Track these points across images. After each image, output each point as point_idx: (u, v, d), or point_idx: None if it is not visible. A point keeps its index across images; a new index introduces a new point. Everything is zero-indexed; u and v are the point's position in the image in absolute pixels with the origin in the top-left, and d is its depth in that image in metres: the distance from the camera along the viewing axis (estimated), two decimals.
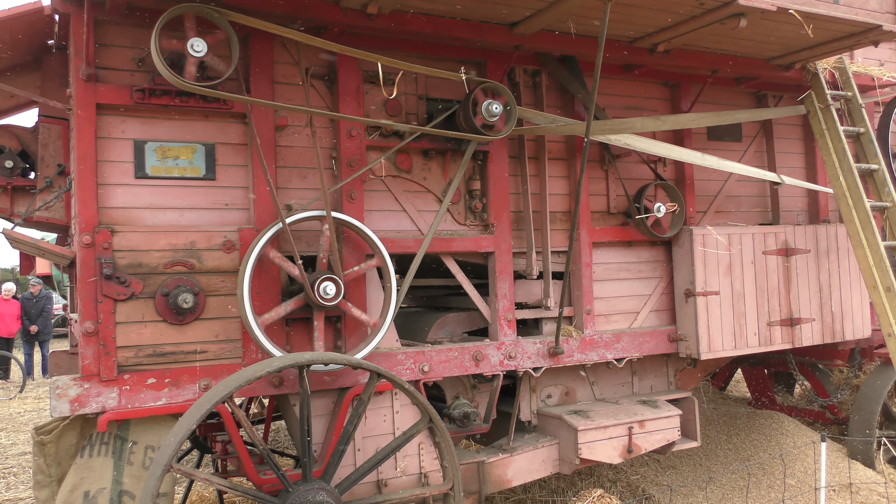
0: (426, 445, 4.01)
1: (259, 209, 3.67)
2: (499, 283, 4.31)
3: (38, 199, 3.83)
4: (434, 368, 4.07)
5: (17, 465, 7.65)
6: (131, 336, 3.42)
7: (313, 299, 3.56)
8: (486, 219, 4.35)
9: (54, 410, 3.31)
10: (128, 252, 3.42)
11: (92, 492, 3.47)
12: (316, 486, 3.37)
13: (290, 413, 3.84)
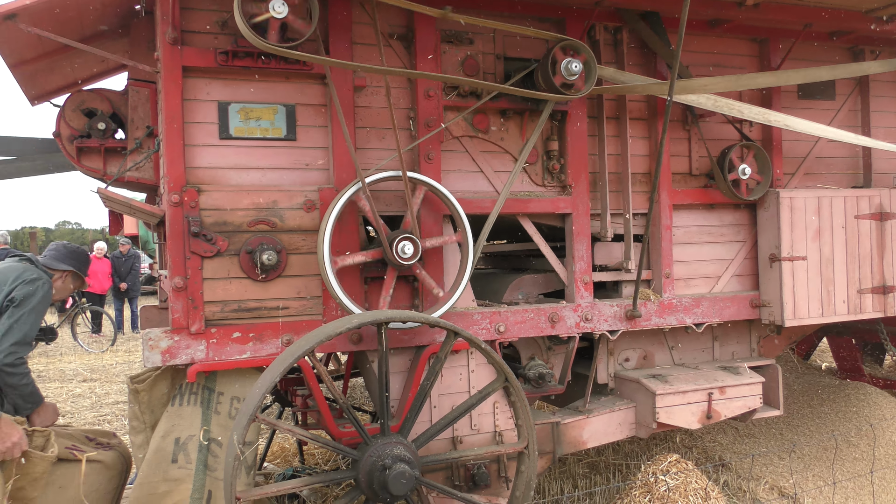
0: (501, 404, 4.05)
1: (338, 169, 3.72)
2: (576, 244, 4.27)
3: (128, 159, 3.98)
4: (510, 329, 4.08)
5: (111, 413, 8.10)
6: (217, 291, 3.55)
7: (391, 258, 3.61)
8: (564, 180, 4.29)
9: (147, 361, 3.47)
10: (213, 211, 3.53)
11: (182, 438, 3.65)
12: (393, 440, 3.44)
13: (368, 369, 3.93)
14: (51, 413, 3.66)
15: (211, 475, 3.62)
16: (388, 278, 3.74)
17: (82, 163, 3.96)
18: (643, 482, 4.23)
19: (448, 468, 3.93)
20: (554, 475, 5.27)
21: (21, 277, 3.60)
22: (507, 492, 3.96)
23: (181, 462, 3.63)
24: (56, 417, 3.68)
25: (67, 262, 3.88)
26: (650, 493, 4.16)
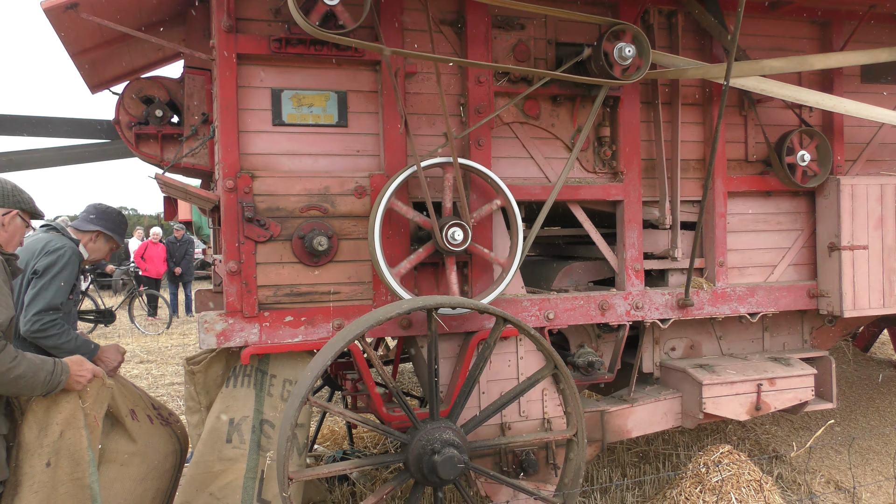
0: (550, 391, 4.04)
1: (389, 155, 3.74)
2: (627, 231, 4.22)
3: (184, 146, 4.07)
4: (559, 316, 4.07)
5: (167, 395, 8.32)
6: (270, 276, 3.61)
7: (441, 244, 3.62)
8: (616, 166, 4.24)
9: (203, 343, 3.55)
10: (267, 196, 3.58)
11: (236, 419, 3.74)
12: (442, 425, 3.47)
13: (418, 354, 3.96)
14: (112, 353, 3.73)
15: (264, 455, 3.70)
16: (450, 265, 3.74)
17: (140, 149, 4.06)
18: (694, 472, 4.18)
19: (496, 454, 3.94)
20: (602, 463, 5.24)
21: (45, 249, 3.74)
22: (556, 479, 3.96)
23: (235, 442, 3.71)
24: (119, 356, 3.74)
25: (96, 223, 3.96)
26: (701, 483, 4.11)
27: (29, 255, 3.70)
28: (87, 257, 3.98)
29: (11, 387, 2.61)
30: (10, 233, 2.90)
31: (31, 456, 2.80)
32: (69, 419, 2.92)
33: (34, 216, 3.04)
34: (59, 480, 2.89)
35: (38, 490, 2.80)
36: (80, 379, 2.93)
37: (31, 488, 2.79)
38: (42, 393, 2.78)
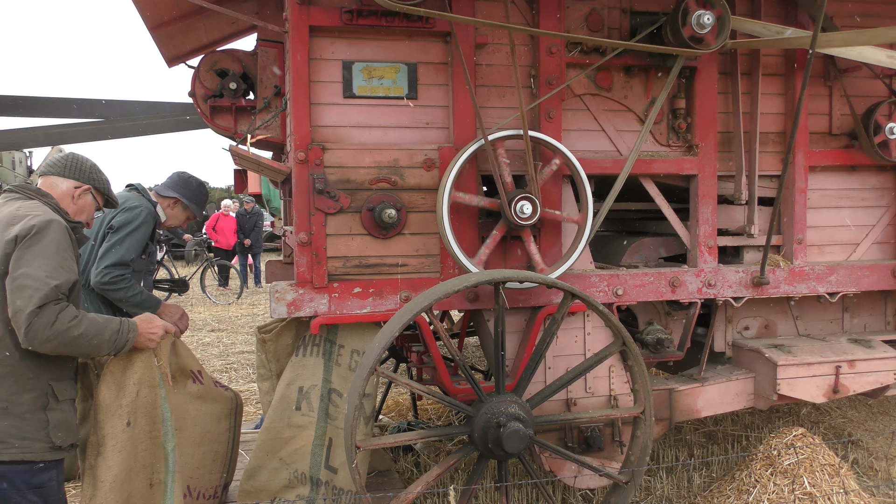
0: (617, 368, 3.99)
1: (458, 128, 3.72)
2: (701, 207, 4.10)
3: (257, 118, 4.13)
4: (628, 292, 4.00)
5: (237, 362, 8.58)
6: (340, 247, 3.65)
7: (510, 218, 3.60)
8: (690, 139, 4.12)
9: (274, 312, 3.63)
10: (337, 168, 3.61)
11: (305, 387, 3.82)
12: (508, 399, 3.47)
13: (484, 328, 3.96)
14: (174, 311, 3.88)
15: (332, 423, 3.78)
16: (497, 232, 3.71)
17: (215, 121, 4.14)
18: (765, 455, 4.08)
19: (561, 429, 3.93)
20: (669, 443, 5.18)
21: (123, 206, 3.89)
22: (621, 456, 3.92)
23: (304, 410, 3.80)
24: (180, 313, 3.88)
25: (175, 189, 4.11)
26: (772, 466, 4.00)
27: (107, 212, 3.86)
28: (163, 220, 4.12)
29: (74, 346, 2.66)
30: (80, 206, 2.97)
31: (112, 416, 2.89)
32: (144, 378, 2.99)
33: (107, 201, 3.11)
34: (139, 439, 3.00)
35: (122, 450, 2.91)
36: (151, 336, 2.99)
37: (115, 448, 2.89)
38: (109, 352, 2.83)
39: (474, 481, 3.50)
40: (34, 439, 2.63)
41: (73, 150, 3.06)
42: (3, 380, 2.60)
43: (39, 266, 2.56)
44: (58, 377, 2.73)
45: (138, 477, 3.00)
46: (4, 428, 2.58)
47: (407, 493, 3.39)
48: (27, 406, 2.63)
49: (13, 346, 2.61)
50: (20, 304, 2.52)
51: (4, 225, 2.65)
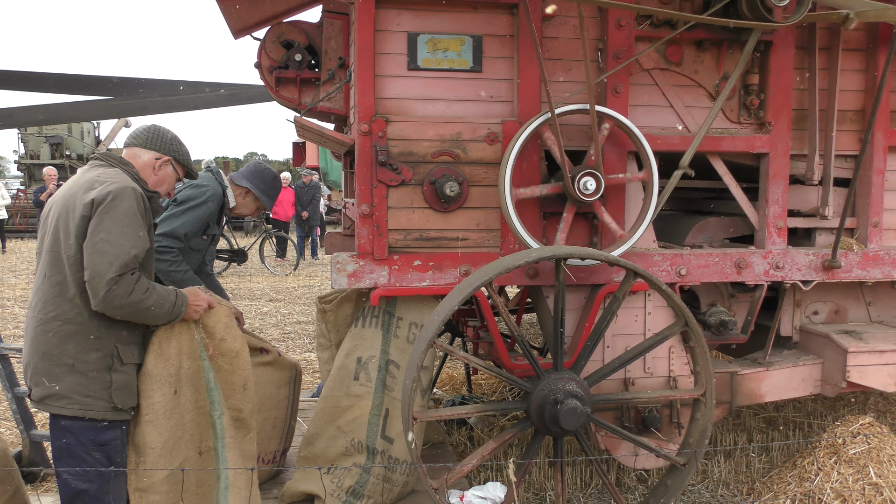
0: (677, 349, 3.93)
1: (522, 102, 3.67)
2: (771, 186, 3.97)
3: (321, 90, 4.15)
4: (691, 273, 3.92)
5: (294, 332, 8.74)
6: (401, 220, 3.66)
7: (573, 194, 3.55)
8: (763, 117, 3.98)
9: (334, 283, 3.67)
10: (400, 141, 3.61)
11: (364, 358, 3.86)
12: (566, 376, 3.45)
13: (543, 305, 3.93)
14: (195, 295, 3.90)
15: (389, 394, 3.82)
16: (568, 214, 3.68)
17: (280, 93, 4.17)
18: (829, 443, 3.98)
19: (618, 408, 3.90)
20: (728, 427, 5.09)
21: (192, 182, 3.96)
22: (679, 438, 3.87)
23: (362, 380, 3.85)
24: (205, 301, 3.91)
25: (249, 180, 4.17)
26: (837, 454, 3.91)
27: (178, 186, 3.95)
28: (231, 206, 4.19)
29: (140, 315, 2.76)
30: (160, 177, 3.05)
31: (162, 384, 2.94)
32: (185, 348, 3.03)
33: (188, 172, 3.19)
34: (185, 408, 3.05)
35: (170, 416, 2.98)
36: (197, 308, 3.05)
37: (165, 415, 2.96)
38: (164, 322, 2.91)
39: (529, 457, 3.50)
40: (96, 398, 2.73)
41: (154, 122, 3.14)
42: (72, 338, 2.70)
43: (119, 234, 2.65)
44: (125, 341, 2.82)
45: (187, 446, 3.07)
46: (70, 384, 2.69)
47: (462, 465, 3.41)
48: (93, 365, 2.72)
49: (83, 306, 2.71)
50: (101, 269, 2.61)
51: (84, 189, 2.75)
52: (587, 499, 4.21)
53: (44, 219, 2.87)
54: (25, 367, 2.76)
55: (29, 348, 2.74)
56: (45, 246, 2.78)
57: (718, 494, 4.23)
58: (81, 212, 2.67)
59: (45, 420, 5.44)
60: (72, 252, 2.68)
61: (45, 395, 2.70)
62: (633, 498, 4.19)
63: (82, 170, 2.94)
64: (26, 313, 2.81)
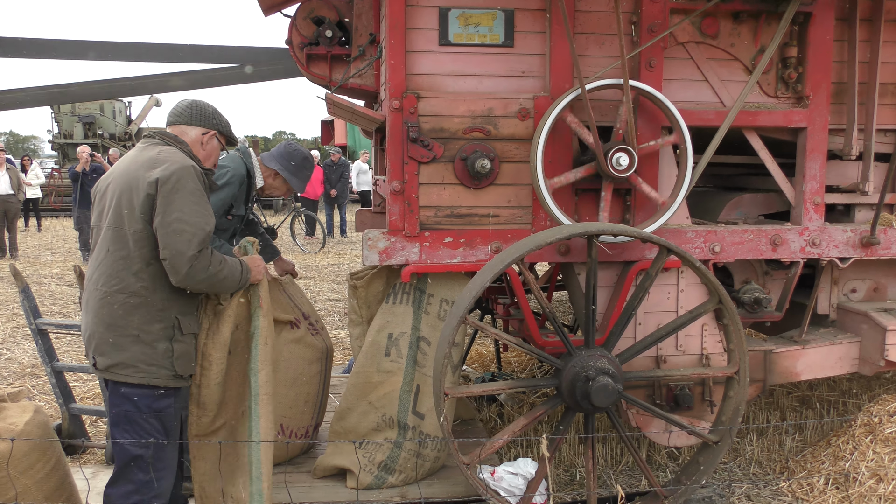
0: (710, 327, 3.89)
1: (554, 77, 3.63)
2: (808, 162, 3.90)
3: (352, 66, 4.14)
4: (725, 249, 3.87)
5: (324, 309, 8.81)
6: (432, 197, 3.65)
7: (605, 170, 3.51)
8: (801, 90, 3.89)
9: (366, 259, 3.68)
10: (431, 117, 3.60)
11: (394, 334, 3.88)
12: (597, 353, 3.44)
13: (574, 282, 3.92)
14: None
15: (420, 371, 3.84)
16: (606, 192, 3.64)
17: (310, 70, 4.17)
18: (865, 422, 3.93)
19: (650, 386, 3.88)
20: (760, 405, 5.05)
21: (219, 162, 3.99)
22: (711, 416, 3.85)
23: (393, 356, 3.87)
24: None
25: (279, 161, 4.08)
26: (872, 433, 3.86)
27: None
28: (260, 186, 4.17)
29: (218, 287, 2.93)
30: (208, 151, 3.13)
31: (217, 347, 3.06)
32: (242, 314, 3.15)
33: (229, 140, 3.27)
34: (236, 370, 3.15)
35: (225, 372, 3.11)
36: (258, 277, 3.17)
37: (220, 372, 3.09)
38: (234, 291, 3.06)
39: (560, 433, 3.51)
40: (160, 366, 2.85)
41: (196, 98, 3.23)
42: (137, 310, 2.82)
43: (192, 212, 2.79)
44: (185, 312, 2.94)
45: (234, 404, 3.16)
46: (135, 353, 2.82)
47: (494, 441, 3.43)
48: (156, 335, 2.85)
49: (148, 280, 2.83)
50: (181, 247, 2.74)
51: (146, 168, 2.83)
52: (618, 475, 4.22)
53: (100, 194, 2.96)
54: (89, 338, 2.87)
55: (92, 320, 2.84)
56: (104, 222, 2.87)
57: (751, 473, 4.21)
58: (146, 190, 2.77)
59: (83, 394, 5.57)
60: (137, 228, 2.79)
61: (111, 364, 2.82)
62: (664, 475, 4.19)
63: (139, 147, 3.02)
64: (86, 286, 2.92)
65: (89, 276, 2.90)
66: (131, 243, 2.80)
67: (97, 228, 2.93)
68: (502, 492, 3.53)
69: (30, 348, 6.98)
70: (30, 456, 2.81)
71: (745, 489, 3.99)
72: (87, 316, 2.89)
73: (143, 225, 2.79)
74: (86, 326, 2.89)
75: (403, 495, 3.70)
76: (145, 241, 2.79)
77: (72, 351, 6.89)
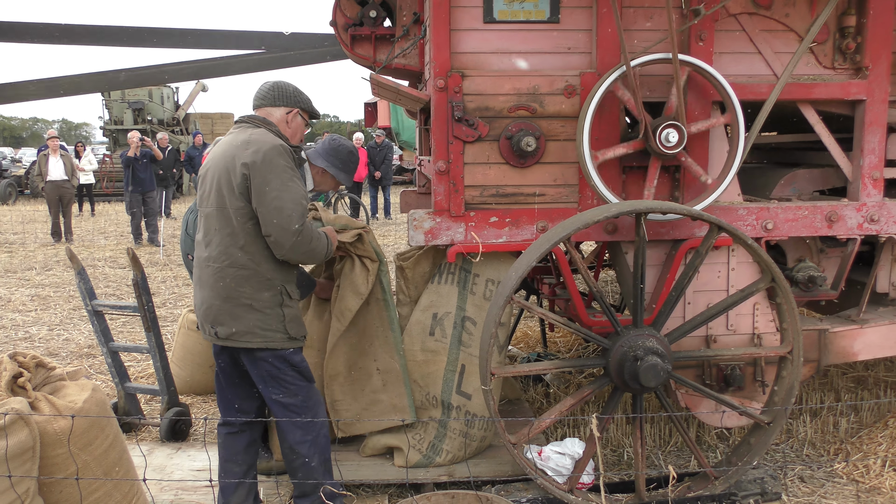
0: (762, 306, 3.81)
1: (601, 52, 3.57)
2: (867, 135, 3.76)
3: (396, 46, 4.13)
4: (778, 226, 3.77)
5: None
6: (477, 176, 3.64)
7: (654, 146, 3.45)
8: (859, 61, 3.75)
9: (412, 240, 3.69)
10: (476, 96, 3.57)
11: (440, 314, 3.89)
12: (646, 333, 3.39)
13: (622, 261, 3.87)
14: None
15: (465, 351, 3.85)
16: (652, 169, 3.58)
17: (355, 51, 4.18)
18: None
19: (699, 366, 3.82)
20: (814, 386, 4.94)
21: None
22: (762, 396, 3.77)
23: (438, 336, 3.89)
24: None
25: (325, 158, 4.00)
26: None
27: None
28: (311, 188, 4.14)
29: (313, 257, 3.18)
30: (293, 129, 3.29)
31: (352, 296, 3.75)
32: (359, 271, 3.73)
33: (312, 115, 3.40)
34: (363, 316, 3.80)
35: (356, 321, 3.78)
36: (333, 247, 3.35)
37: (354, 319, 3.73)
38: (323, 261, 3.40)
39: (608, 413, 3.48)
40: (275, 331, 3.11)
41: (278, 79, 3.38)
42: (248, 281, 3.06)
43: (287, 189, 2.99)
44: (289, 280, 3.19)
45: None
46: (252, 321, 3.07)
47: (541, 420, 3.42)
48: (267, 303, 3.10)
49: (255, 253, 3.06)
50: (284, 223, 2.97)
51: (239, 150, 3.03)
52: (666, 456, 4.18)
53: (201, 180, 3.20)
54: (206, 311, 3.12)
55: (209, 294, 3.10)
56: (209, 205, 3.10)
57: (804, 454, 4.13)
58: (241, 171, 2.98)
59: (138, 374, 5.72)
60: (239, 206, 3.01)
61: (231, 333, 3.08)
62: (713, 456, 4.13)
63: (232, 132, 3.21)
64: (197, 264, 3.18)
65: (200, 254, 3.16)
66: (235, 221, 3.02)
67: (200, 211, 3.19)
68: (549, 471, 3.52)
69: (86, 329, 7.20)
70: (89, 432, 2.88)
71: (799, 471, 3.92)
72: (202, 291, 3.13)
73: (244, 203, 3.01)
74: (202, 301, 3.14)
75: (451, 474, 3.73)
76: (247, 217, 3.02)
77: (126, 332, 7.08)
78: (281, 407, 3.18)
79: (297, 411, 3.19)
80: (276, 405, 3.20)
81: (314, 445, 3.22)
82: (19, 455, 2.57)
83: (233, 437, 3.33)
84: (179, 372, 5.22)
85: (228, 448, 3.33)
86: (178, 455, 4.16)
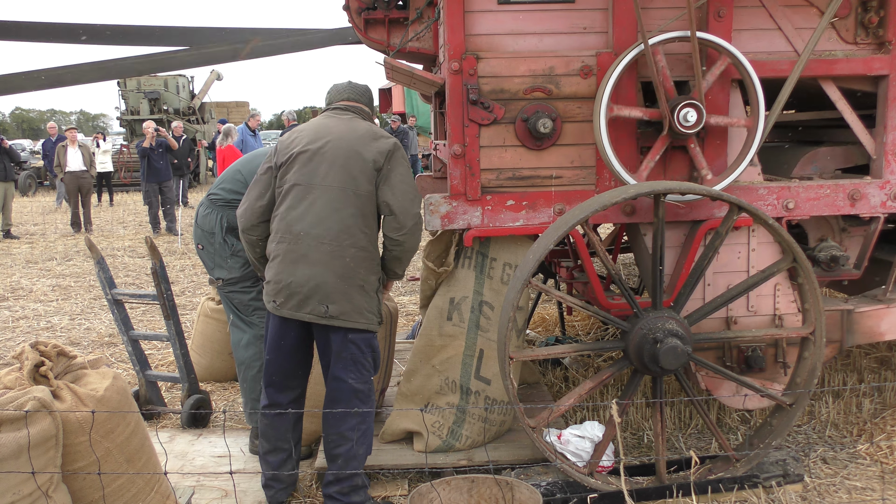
0: (783, 286, 3.76)
1: (618, 31, 3.52)
2: (891, 111, 3.69)
3: (409, 30, 4.10)
4: (800, 206, 3.72)
5: None
6: (493, 159, 3.61)
7: (673, 126, 3.40)
8: (882, 35, 3.67)
9: (428, 224, 3.67)
10: (491, 78, 3.54)
11: (457, 298, 3.88)
12: (665, 315, 3.36)
13: (640, 243, 3.83)
14: None
15: (483, 335, 3.83)
16: (658, 144, 3.52)
17: (368, 35, 4.14)
18: None
19: (720, 348, 3.78)
20: (836, 367, 4.89)
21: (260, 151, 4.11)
22: (784, 378, 3.73)
23: (455, 320, 3.87)
24: None
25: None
26: None
27: None
28: None
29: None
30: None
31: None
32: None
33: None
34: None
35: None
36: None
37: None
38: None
39: (627, 396, 3.46)
40: (374, 313, 3.29)
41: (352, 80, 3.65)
42: (364, 262, 3.23)
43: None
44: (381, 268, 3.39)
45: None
46: (361, 302, 3.22)
47: (560, 404, 3.41)
48: (373, 286, 3.29)
49: (373, 237, 3.28)
50: (409, 207, 3.25)
51: (368, 138, 3.27)
52: (687, 439, 4.15)
53: (309, 154, 3.24)
54: (315, 287, 3.14)
55: (320, 270, 3.15)
56: (324, 182, 3.19)
57: (826, 435, 4.09)
58: (375, 157, 3.22)
59: (158, 362, 5.77)
60: (368, 189, 3.21)
61: (342, 311, 3.17)
62: (734, 439, 4.10)
63: (341, 117, 3.39)
64: (300, 241, 3.16)
65: (305, 230, 3.16)
66: (362, 203, 3.20)
67: (308, 186, 3.21)
68: (569, 455, 3.51)
69: (106, 318, 7.27)
70: (110, 420, 2.91)
71: (821, 452, 3.88)
72: (309, 268, 3.15)
73: (372, 187, 3.21)
74: (308, 277, 3.15)
75: (470, 458, 3.73)
76: (372, 201, 3.23)
77: (145, 320, 7.14)
78: (350, 392, 3.25)
79: (363, 399, 3.27)
80: (344, 389, 3.25)
81: (366, 434, 3.30)
82: (42, 443, 2.60)
83: (281, 417, 3.39)
84: (199, 359, 5.26)
85: (278, 428, 3.40)
86: (200, 441, 4.20)
